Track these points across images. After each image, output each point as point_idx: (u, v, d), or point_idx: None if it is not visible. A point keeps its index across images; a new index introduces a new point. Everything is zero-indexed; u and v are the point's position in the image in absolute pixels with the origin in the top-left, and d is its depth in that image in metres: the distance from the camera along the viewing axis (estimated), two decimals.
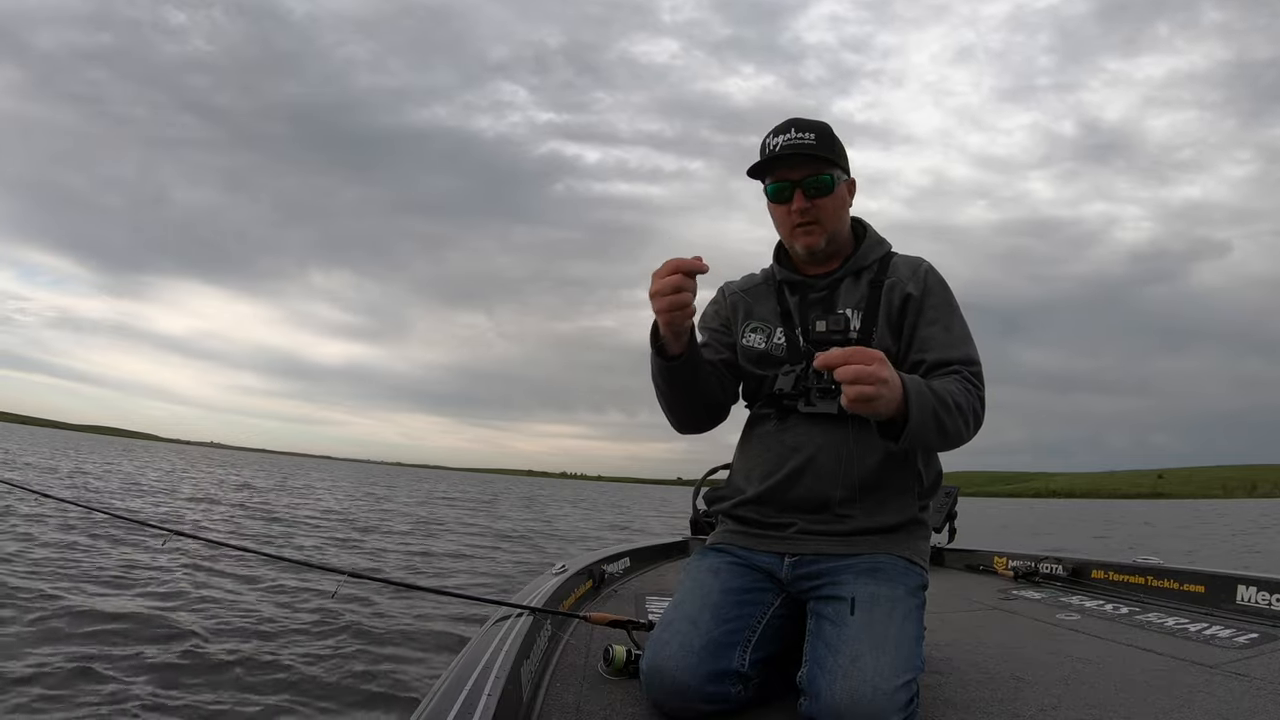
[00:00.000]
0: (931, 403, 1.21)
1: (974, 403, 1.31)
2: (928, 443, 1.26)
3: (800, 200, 1.41)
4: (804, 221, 1.42)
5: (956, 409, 1.26)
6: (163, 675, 3.10)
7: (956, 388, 1.29)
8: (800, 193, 1.40)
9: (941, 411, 1.22)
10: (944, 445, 1.31)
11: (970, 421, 1.30)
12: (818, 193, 1.40)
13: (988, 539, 3.94)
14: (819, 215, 1.41)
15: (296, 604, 4.60)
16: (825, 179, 1.40)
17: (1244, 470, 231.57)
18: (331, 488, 24.96)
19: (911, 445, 1.23)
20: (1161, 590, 2.24)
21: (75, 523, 7.13)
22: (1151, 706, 1.27)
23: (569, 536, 12.41)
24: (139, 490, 14.25)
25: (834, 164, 1.42)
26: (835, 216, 1.44)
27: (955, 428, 1.26)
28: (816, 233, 1.42)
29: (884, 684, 1.08)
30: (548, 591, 1.72)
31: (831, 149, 1.41)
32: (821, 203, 1.41)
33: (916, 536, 1.40)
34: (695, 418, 1.48)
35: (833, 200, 1.42)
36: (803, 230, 1.43)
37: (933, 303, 1.41)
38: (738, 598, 1.32)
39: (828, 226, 1.43)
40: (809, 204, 1.41)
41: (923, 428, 1.20)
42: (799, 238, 1.44)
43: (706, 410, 1.48)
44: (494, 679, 1.06)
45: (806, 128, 1.41)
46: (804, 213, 1.41)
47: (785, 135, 1.40)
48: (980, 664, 1.56)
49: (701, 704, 1.20)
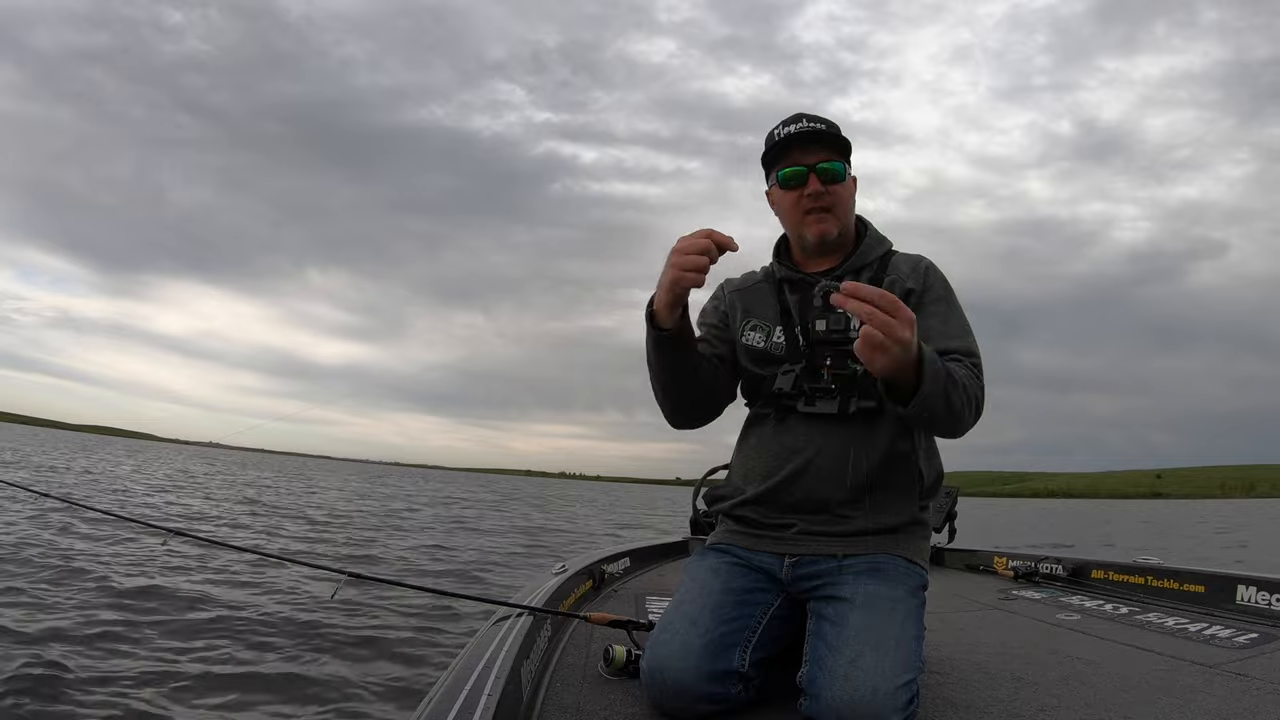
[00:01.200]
0: (944, 375, 1.19)
1: (976, 390, 1.30)
2: (934, 415, 1.21)
3: (815, 184, 1.39)
4: (817, 207, 1.40)
5: (963, 389, 1.25)
6: (162, 675, 3.09)
7: (964, 371, 1.29)
8: (815, 176, 1.40)
9: (950, 387, 1.21)
10: (948, 423, 1.28)
11: (972, 407, 1.29)
12: (832, 178, 1.40)
13: (988, 539, 3.94)
14: (833, 202, 1.41)
15: (296, 604, 4.59)
16: (839, 165, 1.41)
17: (1242, 470, 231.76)
18: (343, 488, 24.95)
19: (919, 413, 1.19)
20: (1161, 590, 2.25)
21: (75, 522, 7.12)
22: (1151, 706, 1.27)
23: (591, 535, 12.42)
24: (140, 490, 14.24)
25: (845, 154, 1.43)
26: (847, 206, 1.44)
27: (960, 407, 1.24)
28: (829, 220, 1.41)
29: (884, 684, 1.08)
30: (548, 591, 1.72)
31: (842, 139, 1.43)
32: (835, 189, 1.41)
33: (917, 537, 1.40)
34: (688, 404, 1.46)
35: (845, 189, 1.43)
36: (815, 217, 1.41)
37: (932, 297, 1.41)
38: (738, 598, 1.32)
39: (841, 215, 1.42)
40: (824, 189, 1.40)
41: (933, 397, 1.17)
42: (811, 225, 1.42)
43: (698, 398, 1.45)
44: (494, 679, 1.06)
45: (817, 119, 1.42)
46: (818, 197, 1.40)
47: (797, 124, 1.41)
48: (980, 664, 1.56)
49: (702, 704, 1.20)
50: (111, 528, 6.86)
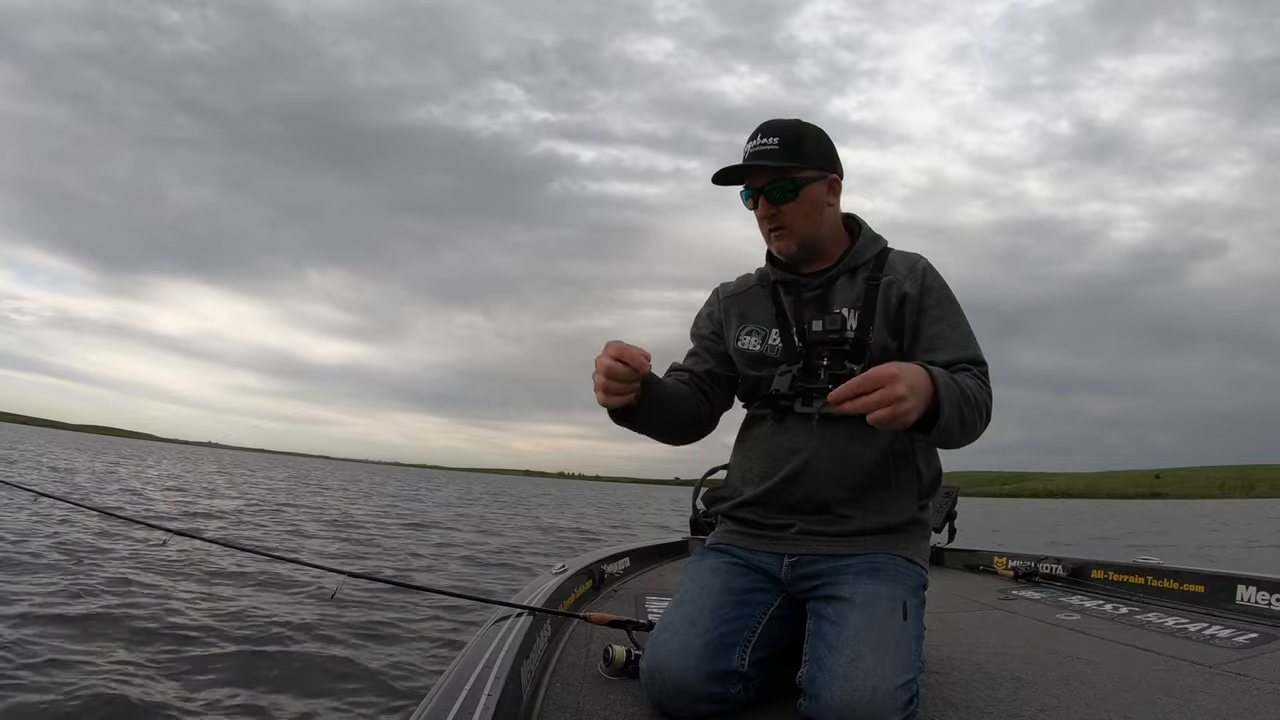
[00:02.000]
0: (957, 395, 1.20)
1: (986, 400, 1.30)
2: (951, 436, 1.23)
3: (765, 207, 1.42)
4: (774, 227, 1.44)
5: (976, 403, 1.25)
6: (162, 675, 3.09)
7: (973, 383, 1.28)
8: (764, 199, 1.41)
9: (964, 405, 1.21)
10: (963, 439, 1.29)
11: (983, 418, 1.29)
12: (780, 198, 1.41)
13: (987, 539, 3.94)
14: (785, 220, 1.42)
15: (296, 604, 4.59)
16: (787, 184, 1.39)
17: (1242, 470, 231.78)
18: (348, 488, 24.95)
19: (940, 440, 1.21)
20: (1161, 590, 2.24)
21: (74, 523, 7.12)
22: (1151, 706, 1.27)
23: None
24: (143, 490, 14.24)
25: (801, 168, 1.40)
26: (806, 220, 1.42)
27: (973, 421, 1.25)
28: (786, 237, 1.44)
29: (884, 684, 1.08)
30: (548, 591, 1.72)
31: (797, 153, 1.39)
32: (786, 208, 1.41)
33: (916, 536, 1.40)
34: (676, 438, 1.49)
35: (799, 205, 1.41)
36: (775, 235, 1.45)
37: (934, 300, 1.40)
38: (738, 598, 1.32)
39: (797, 231, 1.43)
40: (774, 209, 1.42)
41: (951, 420, 1.18)
42: (771, 242, 1.47)
43: (686, 430, 1.49)
44: (494, 679, 1.06)
45: (773, 131, 1.40)
46: (771, 218, 1.43)
47: (753, 142, 1.41)
48: (980, 664, 1.56)
49: (701, 704, 1.20)
50: (112, 527, 6.87)
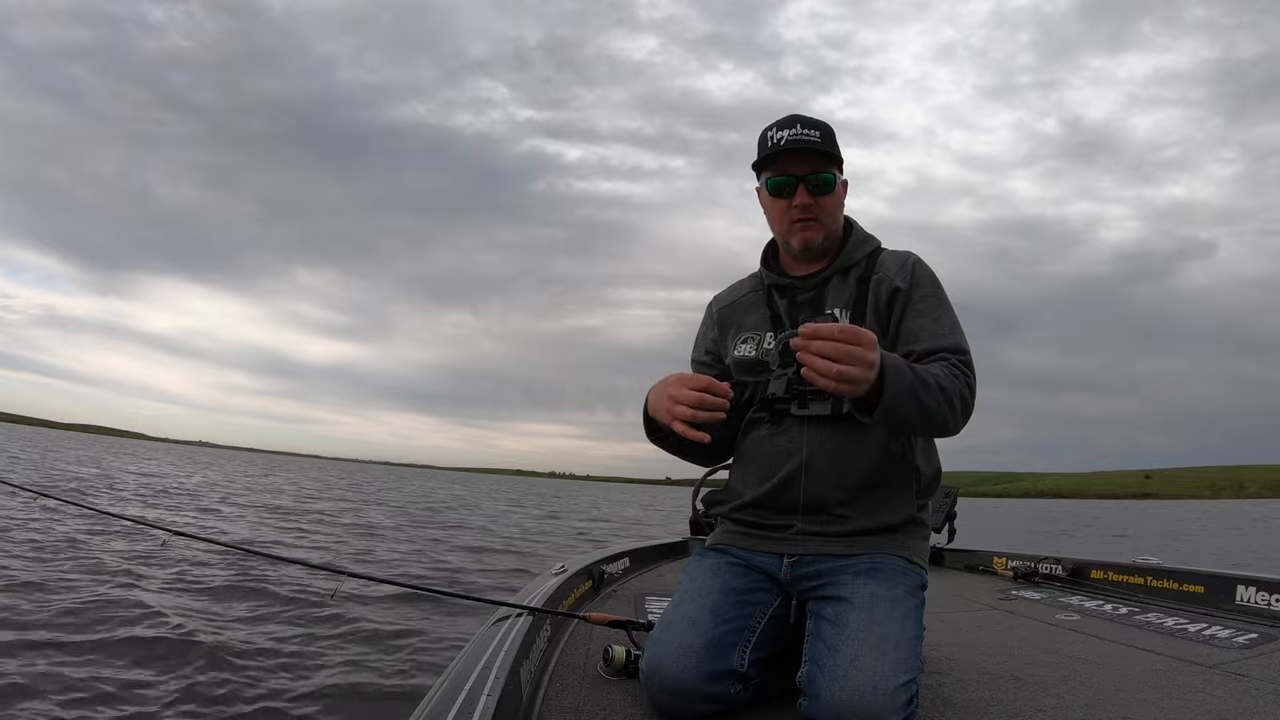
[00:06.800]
0: (910, 380, 1.19)
1: (961, 388, 1.29)
2: (906, 420, 1.23)
3: (804, 196, 1.41)
4: (804, 218, 1.43)
5: (939, 390, 1.24)
6: (161, 675, 3.09)
7: (941, 370, 1.28)
8: (804, 188, 1.41)
9: (921, 390, 1.21)
10: (928, 427, 1.29)
11: (957, 405, 1.28)
12: (820, 190, 1.42)
13: (987, 539, 3.95)
14: (819, 212, 1.43)
15: (296, 604, 4.59)
16: (828, 177, 1.41)
17: (1232, 471, 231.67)
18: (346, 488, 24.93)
19: (887, 422, 1.22)
20: (1161, 590, 2.25)
21: (74, 522, 7.12)
22: (1151, 706, 1.27)
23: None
24: (138, 490, 14.23)
25: (836, 163, 1.43)
26: (833, 215, 1.46)
27: (939, 409, 1.24)
28: (814, 229, 1.44)
29: (883, 684, 1.08)
30: (547, 592, 1.72)
31: (834, 147, 1.43)
32: (823, 200, 1.42)
33: (916, 536, 1.40)
34: (713, 460, 1.60)
35: (833, 199, 1.44)
36: (801, 225, 1.44)
37: (920, 295, 1.41)
38: (737, 598, 1.32)
39: (826, 224, 1.44)
40: (811, 200, 1.42)
41: (898, 404, 1.18)
42: (796, 232, 1.45)
43: (722, 452, 1.55)
44: (494, 679, 1.06)
45: (811, 124, 1.41)
46: (805, 209, 1.42)
47: (791, 130, 1.40)
48: (980, 664, 1.56)
49: (701, 704, 1.20)
50: (111, 527, 6.86)
